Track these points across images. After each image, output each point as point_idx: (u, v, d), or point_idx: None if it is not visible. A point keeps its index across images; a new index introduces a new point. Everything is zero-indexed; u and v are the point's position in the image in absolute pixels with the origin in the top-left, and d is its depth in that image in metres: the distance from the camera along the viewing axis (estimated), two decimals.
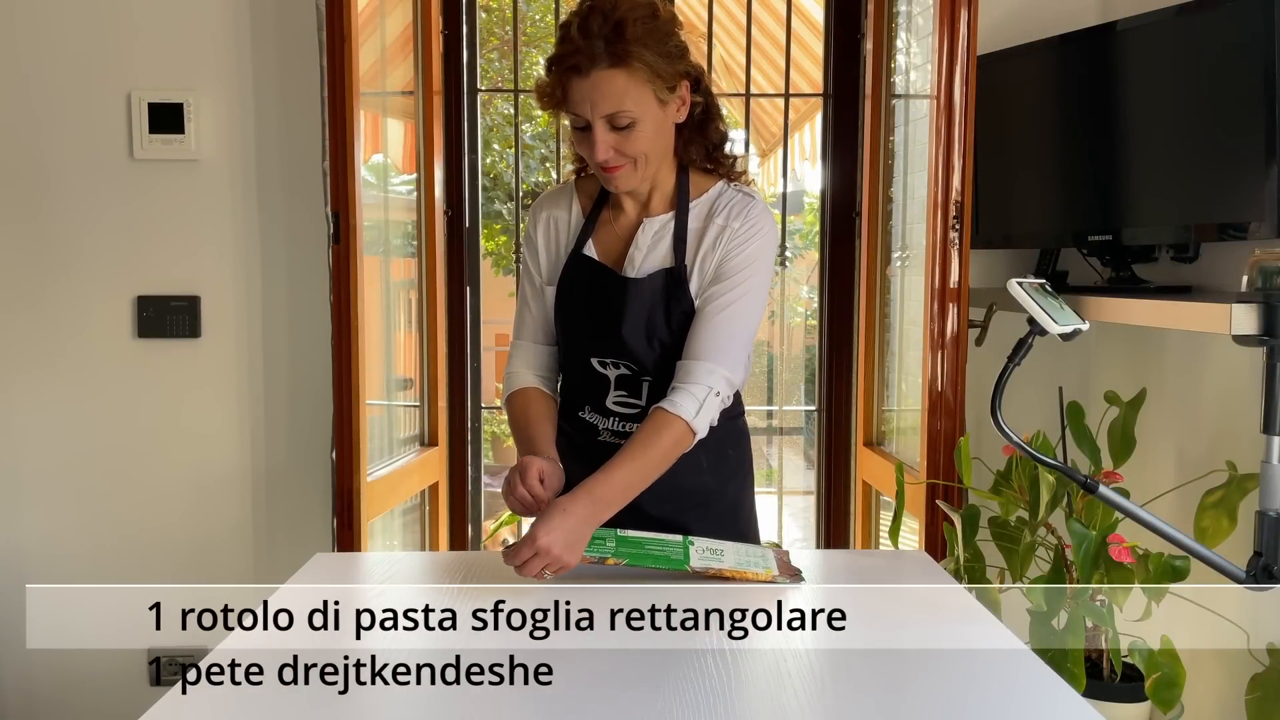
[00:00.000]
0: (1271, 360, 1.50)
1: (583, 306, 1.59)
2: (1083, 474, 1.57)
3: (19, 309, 2.43)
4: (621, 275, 1.57)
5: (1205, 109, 1.83)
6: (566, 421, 1.64)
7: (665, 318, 1.54)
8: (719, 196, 1.58)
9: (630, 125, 1.45)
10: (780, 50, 3.18)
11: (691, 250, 1.55)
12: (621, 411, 1.59)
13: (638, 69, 1.43)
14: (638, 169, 1.50)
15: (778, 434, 6.54)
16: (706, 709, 0.99)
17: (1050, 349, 1.82)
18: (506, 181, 6.97)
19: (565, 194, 1.65)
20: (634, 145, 1.47)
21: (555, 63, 1.45)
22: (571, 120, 1.48)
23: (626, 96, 1.43)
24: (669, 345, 1.55)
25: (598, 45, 1.41)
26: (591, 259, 1.60)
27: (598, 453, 1.58)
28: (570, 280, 1.60)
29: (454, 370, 2.67)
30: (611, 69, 1.42)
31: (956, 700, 1.04)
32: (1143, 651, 1.75)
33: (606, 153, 1.47)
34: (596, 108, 1.44)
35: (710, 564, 1.39)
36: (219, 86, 2.41)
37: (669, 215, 1.58)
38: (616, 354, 1.57)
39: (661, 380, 1.54)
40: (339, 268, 2.09)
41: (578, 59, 1.42)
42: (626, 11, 1.42)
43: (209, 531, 2.49)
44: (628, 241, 1.58)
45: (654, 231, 1.57)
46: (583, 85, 1.43)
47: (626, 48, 1.41)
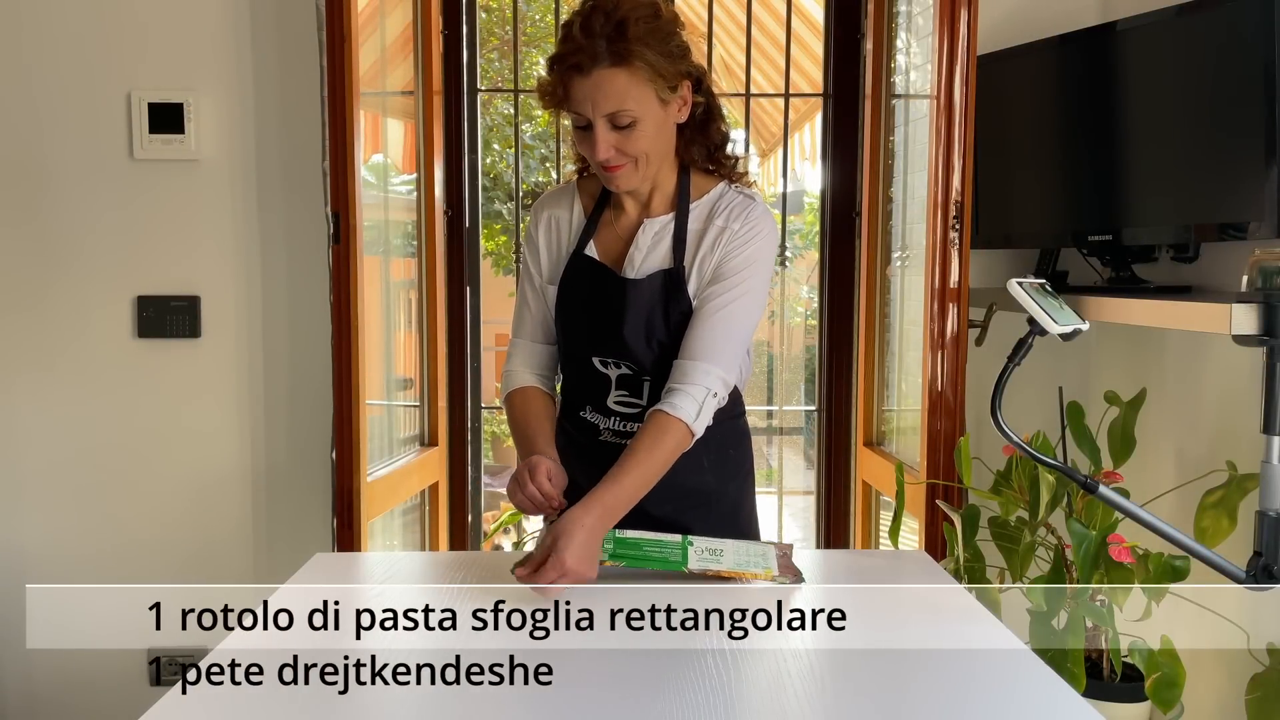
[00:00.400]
0: (1271, 360, 1.50)
1: (584, 307, 1.59)
2: (1083, 474, 1.57)
3: (19, 309, 2.43)
4: (621, 276, 1.57)
5: (1205, 109, 1.82)
6: (568, 421, 1.65)
7: (664, 319, 1.55)
8: (720, 198, 1.58)
9: (631, 125, 1.45)
10: (780, 50, 3.18)
11: (691, 251, 1.55)
12: (623, 411, 1.60)
13: (639, 68, 1.43)
14: (639, 169, 1.51)
15: (778, 434, 6.54)
16: (706, 709, 0.99)
17: (1050, 349, 1.82)
18: (506, 181, 6.97)
19: (567, 194, 1.65)
20: (635, 145, 1.47)
21: (557, 61, 1.45)
22: (573, 119, 1.48)
23: (628, 96, 1.43)
24: (668, 346, 1.55)
25: (600, 44, 1.41)
26: (592, 259, 1.60)
27: (599, 452, 1.59)
28: (571, 280, 1.60)
29: (454, 370, 2.67)
30: (613, 68, 1.42)
31: (956, 700, 1.04)
32: (1143, 651, 1.75)
33: (608, 152, 1.47)
34: (598, 107, 1.44)
35: (709, 565, 1.39)
36: (219, 86, 2.41)
37: (669, 216, 1.58)
38: (618, 354, 1.57)
39: (661, 380, 1.54)
40: (339, 268, 2.09)
41: (580, 58, 1.42)
42: (629, 11, 1.42)
43: (209, 531, 2.49)
44: (628, 242, 1.59)
45: (654, 232, 1.58)
46: (584, 84, 1.43)
47: (628, 47, 1.41)
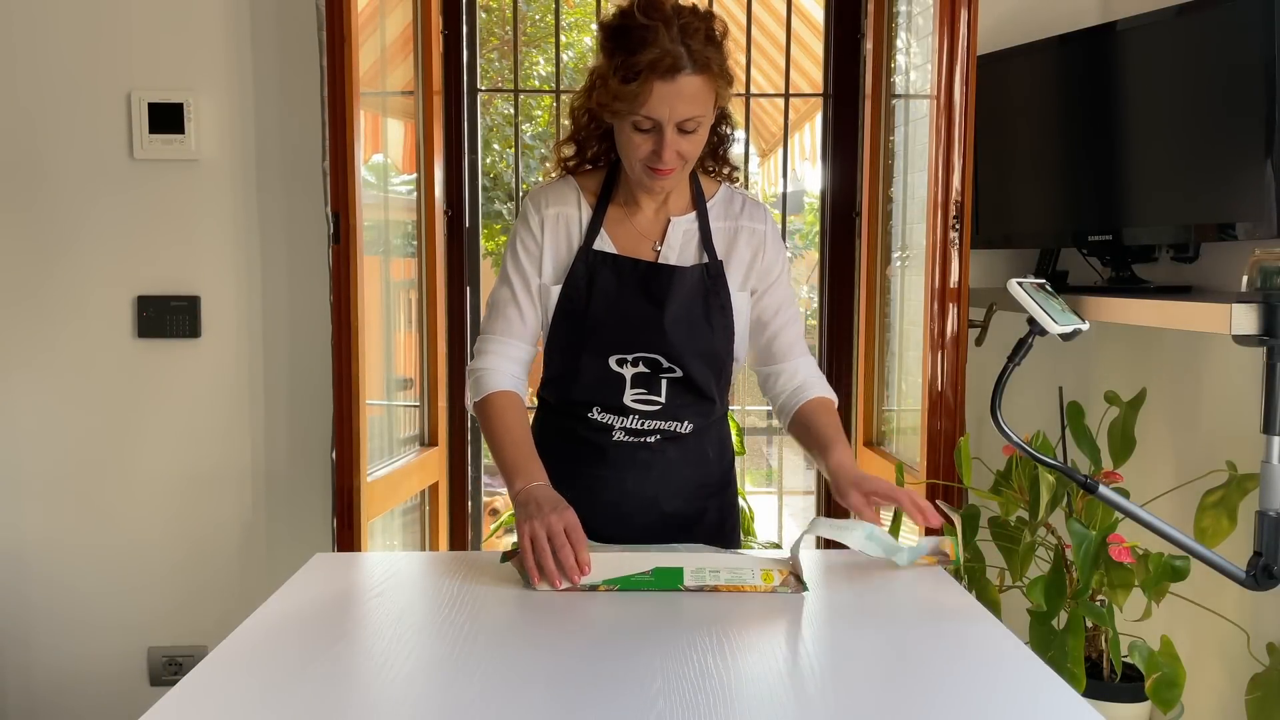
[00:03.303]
0: (1271, 360, 1.50)
1: (610, 301, 1.58)
2: (1083, 474, 1.57)
3: (19, 309, 2.43)
4: (669, 265, 1.60)
5: (1205, 109, 1.82)
6: (577, 423, 1.63)
7: (704, 310, 1.60)
8: (730, 198, 1.66)
9: (695, 130, 1.49)
10: (780, 50, 3.19)
11: (722, 248, 1.63)
12: (640, 409, 1.61)
13: (713, 76, 1.47)
14: (683, 170, 1.55)
15: (778, 434, 6.53)
16: (706, 709, 0.99)
17: (1050, 349, 1.82)
18: (506, 181, 6.98)
19: (570, 190, 1.63)
20: (693, 149, 1.52)
21: (646, 68, 1.43)
22: (636, 121, 1.48)
23: (704, 102, 1.48)
24: (703, 338, 1.60)
25: (686, 49, 1.44)
26: (615, 255, 1.60)
27: (615, 452, 1.61)
28: (587, 277, 1.59)
29: (454, 370, 2.67)
30: (695, 74, 1.45)
31: (956, 700, 1.04)
32: (1143, 651, 1.75)
33: (674, 155, 1.50)
34: (675, 111, 1.46)
35: (705, 582, 1.37)
36: (219, 86, 2.41)
37: (693, 214, 1.63)
38: (647, 347, 1.58)
39: (690, 372, 1.59)
40: (339, 268, 2.09)
41: (668, 62, 1.43)
42: (705, 20, 1.48)
43: (209, 531, 2.49)
44: (652, 238, 1.61)
45: (684, 229, 1.62)
46: (668, 89, 1.44)
47: (706, 54, 1.46)
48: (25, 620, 2.48)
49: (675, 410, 1.61)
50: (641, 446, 1.62)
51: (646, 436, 1.62)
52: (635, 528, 1.61)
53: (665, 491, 1.63)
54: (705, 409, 1.64)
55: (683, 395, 1.61)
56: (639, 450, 1.62)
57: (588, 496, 1.57)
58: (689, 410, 1.62)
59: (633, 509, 1.62)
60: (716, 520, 1.69)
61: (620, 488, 1.62)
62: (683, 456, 1.64)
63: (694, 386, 1.60)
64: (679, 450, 1.64)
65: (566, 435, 1.64)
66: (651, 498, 1.63)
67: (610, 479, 1.62)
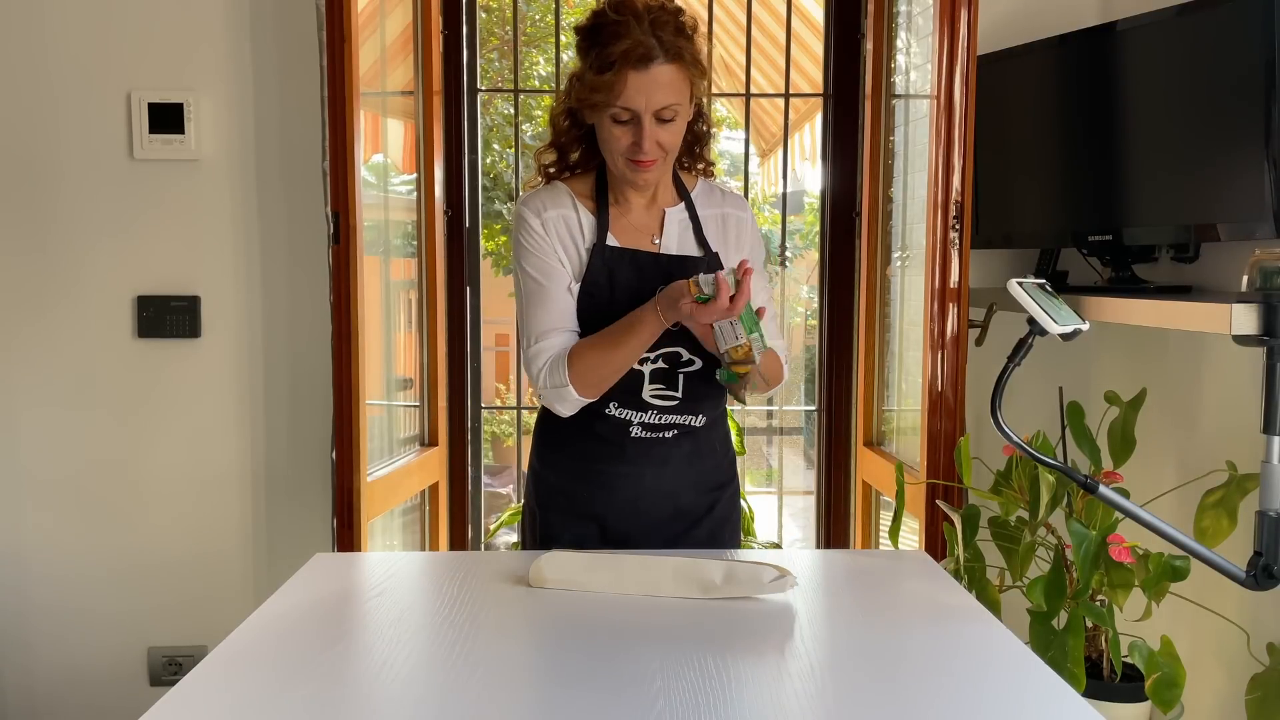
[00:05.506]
0: (1271, 360, 1.50)
1: (630, 298, 1.59)
2: (1083, 474, 1.57)
3: (19, 309, 2.43)
4: (688, 256, 1.63)
5: (1205, 109, 1.82)
6: (594, 420, 1.64)
7: None
8: (710, 189, 1.71)
9: (673, 119, 1.53)
10: (780, 50, 3.19)
11: (714, 236, 1.67)
12: (658, 404, 1.62)
13: (686, 65, 1.51)
14: (665, 163, 1.58)
15: (778, 434, 6.53)
16: (706, 710, 0.99)
17: (1050, 349, 1.82)
18: (506, 181, 6.97)
19: (562, 193, 1.64)
20: (672, 139, 1.55)
21: (619, 58, 1.47)
22: (614, 114, 1.51)
23: (678, 90, 1.51)
24: None
25: (657, 40, 1.48)
26: (633, 249, 1.62)
27: (634, 448, 1.63)
28: (607, 274, 1.60)
29: (454, 370, 2.67)
30: (669, 63, 1.49)
31: (956, 700, 1.04)
32: (1143, 651, 1.75)
33: (653, 145, 1.52)
34: (651, 101, 1.49)
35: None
36: (219, 86, 2.41)
37: (682, 205, 1.67)
38: (672, 340, 1.59)
39: (700, 365, 1.61)
40: (339, 268, 2.09)
41: (641, 51, 1.47)
42: (673, 13, 1.52)
43: (209, 531, 2.49)
44: (650, 231, 1.64)
45: (678, 220, 1.66)
46: (642, 78, 1.48)
47: (680, 44, 1.50)
48: (25, 620, 2.48)
49: (691, 404, 1.64)
50: (658, 442, 1.65)
51: (664, 431, 1.64)
52: (649, 521, 1.65)
53: (681, 485, 1.66)
54: (717, 401, 1.69)
55: (699, 388, 1.64)
56: (655, 446, 1.64)
57: (605, 494, 1.60)
58: (704, 404, 1.65)
59: (650, 504, 1.65)
60: (724, 513, 1.73)
61: (639, 484, 1.65)
62: (695, 450, 1.68)
63: (709, 378, 1.63)
64: (692, 444, 1.67)
65: (584, 432, 1.65)
66: (669, 492, 1.66)
67: (629, 474, 1.64)
